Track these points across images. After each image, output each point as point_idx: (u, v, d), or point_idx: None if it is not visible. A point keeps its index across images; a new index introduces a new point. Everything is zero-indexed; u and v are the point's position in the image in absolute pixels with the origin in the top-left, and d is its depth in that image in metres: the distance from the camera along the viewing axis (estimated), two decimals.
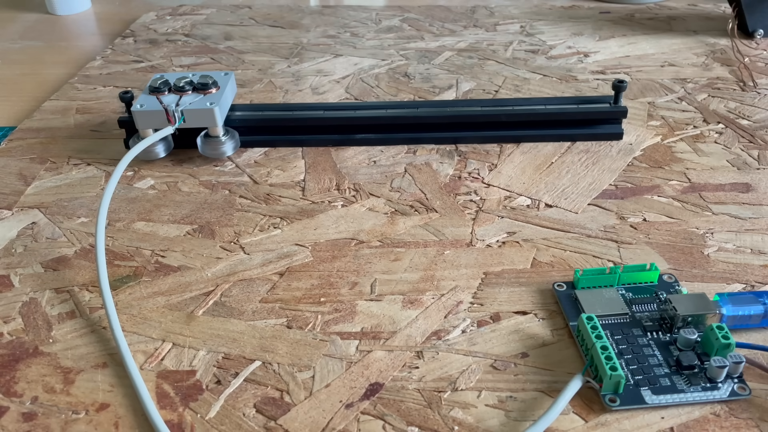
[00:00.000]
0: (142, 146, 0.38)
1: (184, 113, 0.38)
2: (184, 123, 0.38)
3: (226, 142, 0.40)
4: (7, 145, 0.43)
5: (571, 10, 0.66)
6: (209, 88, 0.40)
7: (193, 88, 0.40)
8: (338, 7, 0.69)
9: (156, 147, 0.40)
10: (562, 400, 0.24)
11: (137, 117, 0.38)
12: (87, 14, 0.70)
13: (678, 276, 0.31)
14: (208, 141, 0.40)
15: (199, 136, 0.40)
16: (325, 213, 0.36)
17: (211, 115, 0.38)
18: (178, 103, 0.38)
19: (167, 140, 0.40)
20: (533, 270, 0.31)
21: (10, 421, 0.24)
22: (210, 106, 0.38)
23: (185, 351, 0.27)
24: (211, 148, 0.40)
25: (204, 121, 0.39)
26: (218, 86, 0.40)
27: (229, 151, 0.40)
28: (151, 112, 0.38)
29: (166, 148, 0.40)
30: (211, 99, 0.39)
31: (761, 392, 0.25)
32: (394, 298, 0.30)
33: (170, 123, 0.38)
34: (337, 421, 0.24)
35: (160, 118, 0.38)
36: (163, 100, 0.39)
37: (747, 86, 0.48)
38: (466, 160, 0.40)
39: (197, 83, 0.40)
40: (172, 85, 0.40)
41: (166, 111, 0.38)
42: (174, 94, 0.39)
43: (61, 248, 0.33)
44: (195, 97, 0.39)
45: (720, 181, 0.37)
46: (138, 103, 0.38)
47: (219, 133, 0.40)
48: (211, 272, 0.32)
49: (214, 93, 0.40)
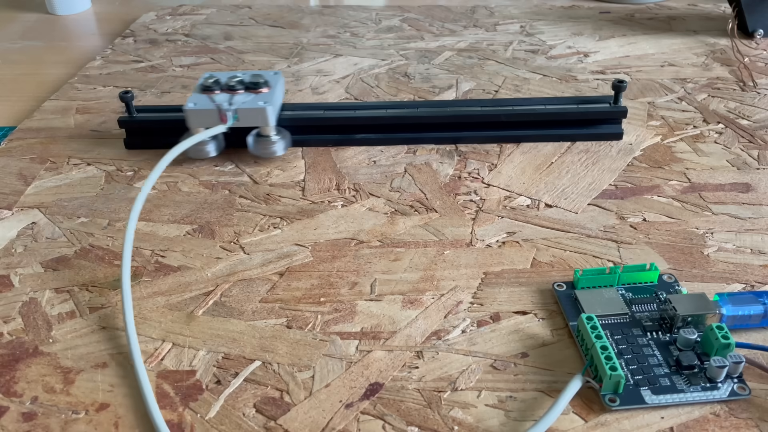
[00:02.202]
0: (190, 143, 0.37)
1: (238, 112, 0.38)
2: (237, 122, 0.38)
3: (277, 141, 0.39)
4: (7, 145, 0.43)
5: (571, 10, 0.66)
6: (260, 87, 0.39)
7: (244, 87, 0.39)
8: (338, 7, 0.69)
9: (207, 146, 0.39)
10: (563, 401, 0.24)
11: (190, 115, 0.38)
12: (87, 14, 0.70)
13: (678, 276, 0.31)
14: (259, 140, 0.39)
15: (250, 135, 0.40)
16: (325, 213, 0.36)
17: (264, 115, 0.38)
18: (231, 102, 0.38)
19: (218, 139, 0.40)
20: (533, 270, 0.31)
21: (10, 421, 0.24)
22: (263, 106, 0.38)
23: (185, 351, 0.27)
24: (262, 147, 0.39)
25: (256, 121, 0.38)
26: (269, 86, 0.40)
27: (279, 150, 0.40)
28: (203, 110, 0.38)
29: (217, 147, 0.40)
30: (263, 98, 0.39)
31: (761, 392, 0.25)
32: (393, 298, 0.30)
33: (223, 122, 0.38)
34: (337, 421, 0.24)
35: (212, 117, 0.38)
36: (215, 99, 0.39)
37: (747, 86, 0.49)
38: (466, 160, 0.40)
39: (248, 82, 0.39)
40: (223, 84, 0.40)
41: (220, 110, 0.38)
42: (225, 93, 0.39)
43: (61, 248, 0.33)
44: (247, 96, 0.39)
45: (720, 181, 0.37)
46: (190, 102, 0.38)
47: (271, 132, 0.39)
48: (211, 272, 0.32)
49: (266, 92, 0.39)
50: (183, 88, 0.50)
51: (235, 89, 0.39)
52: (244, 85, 0.40)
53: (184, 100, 0.48)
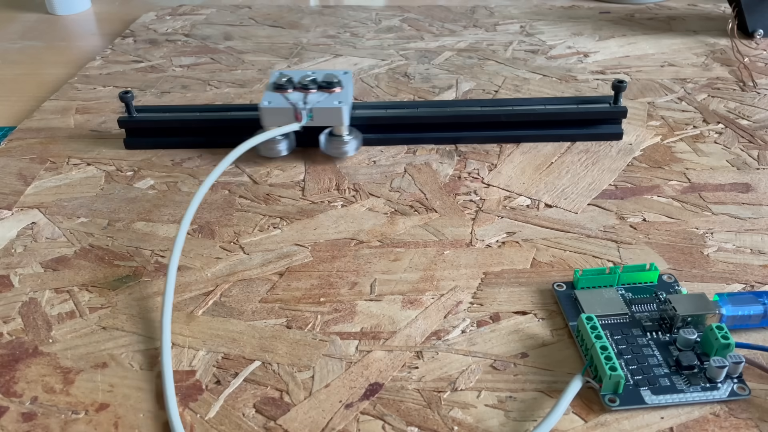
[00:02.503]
0: (261, 139, 0.37)
1: (313, 111, 0.38)
2: (311, 121, 0.38)
3: (349, 141, 0.39)
4: (7, 145, 0.43)
5: (571, 10, 0.66)
6: (334, 86, 0.39)
7: (317, 87, 0.39)
8: (338, 7, 0.69)
9: (279, 144, 0.39)
10: (564, 402, 0.24)
11: (264, 114, 0.38)
12: (87, 14, 0.70)
13: (678, 276, 0.31)
14: (331, 140, 0.39)
15: (322, 134, 0.40)
16: (325, 213, 0.36)
17: (339, 114, 0.38)
18: (305, 100, 0.38)
19: (290, 139, 0.40)
20: (533, 270, 0.31)
21: (10, 421, 0.24)
22: (338, 105, 0.38)
23: (185, 351, 0.27)
24: (334, 146, 0.39)
25: (331, 120, 0.38)
26: (342, 85, 0.40)
27: (351, 150, 0.40)
28: (278, 109, 0.38)
29: (289, 147, 0.40)
30: (338, 98, 0.39)
31: (761, 392, 0.25)
32: (393, 298, 0.30)
33: (297, 120, 0.38)
34: (337, 421, 0.24)
35: (287, 116, 0.38)
36: (289, 97, 0.38)
37: (747, 86, 0.48)
38: (465, 160, 0.40)
39: (321, 81, 0.39)
40: (296, 82, 0.40)
41: (295, 108, 0.38)
42: (298, 92, 0.39)
43: (60, 248, 0.33)
44: (321, 95, 0.39)
45: (720, 181, 0.37)
46: (265, 100, 0.38)
47: (344, 132, 0.39)
48: (210, 272, 0.32)
49: (340, 92, 0.39)
50: (183, 88, 0.50)
51: (309, 88, 0.39)
52: (317, 84, 0.39)
53: (184, 100, 0.48)
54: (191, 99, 0.48)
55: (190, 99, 0.48)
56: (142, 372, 0.26)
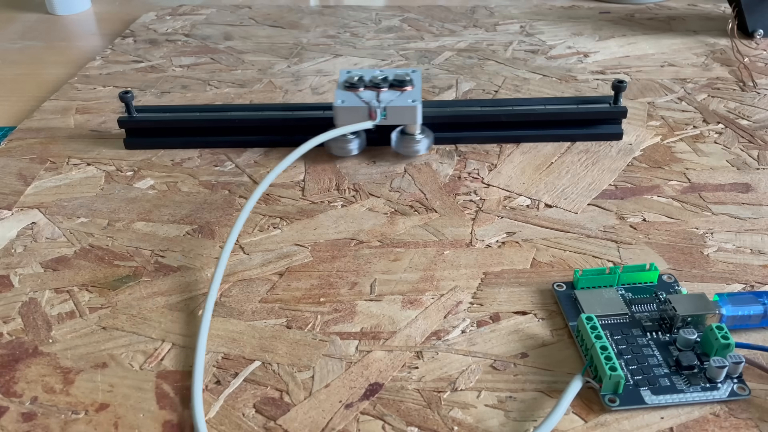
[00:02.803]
0: (332, 135, 0.37)
1: (387, 110, 0.38)
2: (385, 119, 0.38)
3: (421, 140, 0.39)
4: (7, 145, 0.43)
5: (571, 10, 0.66)
6: (405, 85, 0.39)
7: (389, 85, 0.39)
8: (338, 7, 0.69)
9: (350, 144, 0.39)
10: (564, 402, 0.24)
11: (338, 113, 0.38)
12: (87, 14, 0.70)
13: (678, 276, 0.31)
14: (403, 138, 0.39)
15: (394, 132, 0.40)
16: (325, 213, 0.36)
17: (413, 113, 0.38)
18: (378, 99, 0.38)
19: (362, 138, 0.40)
20: (533, 270, 0.31)
21: (10, 421, 0.24)
22: (412, 104, 0.38)
23: (185, 351, 0.27)
24: (405, 145, 0.39)
25: (404, 119, 0.38)
26: (413, 84, 0.40)
27: (423, 149, 0.40)
28: (352, 108, 0.38)
29: (360, 146, 0.40)
30: (412, 96, 0.38)
31: (761, 392, 0.25)
32: (393, 298, 0.30)
33: (371, 119, 0.38)
34: (337, 422, 0.24)
35: (360, 114, 0.38)
36: (361, 96, 0.38)
37: (747, 86, 0.48)
38: (465, 160, 0.40)
39: (392, 80, 0.39)
40: (368, 81, 0.39)
41: (369, 107, 0.38)
42: (370, 91, 0.39)
43: (60, 248, 0.33)
44: (393, 94, 0.39)
45: (720, 181, 0.37)
46: (338, 99, 0.38)
47: (416, 130, 0.39)
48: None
49: (412, 90, 0.39)
50: (183, 88, 0.50)
51: (380, 86, 0.39)
52: (388, 82, 0.39)
53: (183, 100, 0.48)
54: (191, 99, 0.48)
55: (190, 99, 0.48)
56: (142, 372, 0.26)
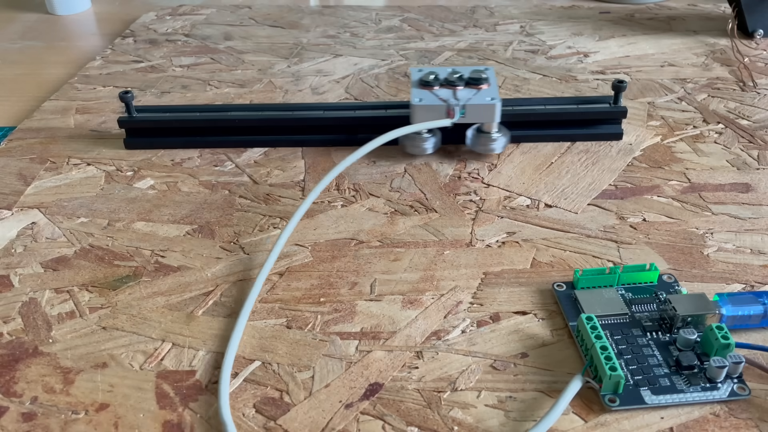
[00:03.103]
0: (406, 130, 0.37)
1: (465, 108, 0.37)
2: (463, 117, 0.38)
3: (498, 139, 0.39)
4: (7, 145, 0.43)
5: (571, 10, 0.66)
6: (481, 83, 0.39)
7: (465, 83, 0.39)
8: (338, 7, 0.69)
9: (425, 143, 0.39)
10: (563, 401, 0.24)
11: (417, 111, 0.38)
12: (87, 14, 0.70)
13: (678, 276, 0.31)
14: (480, 136, 0.39)
15: (469, 129, 0.40)
16: (325, 213, 0.36)
17: (492, 111, 0.38)
18: (456, 97, 0.38)
19: (438, 137, 0.40)
20: (533, 270, 0.31)
21: (10, 421, 0.24)
22: (492, 102, 0.38)
23: (185, 351, 0.27)
24: (482, 143, 0.39)
25: (482, 117, 0.38)
26: (489, 81, 0.39)
27: (498, 148, 0.39)
28: (430, 106, 0.38)
29: (435, 145, 0.40)
30: (490, 94, 0.38)
31: (761, 392, 0.25)
32: (393, 298, 0.30)
33: (449, 117, 0.38)
34: (337, 421, 0.24)
35: (438, 113, 0.38)
36: (438, 94, 0.38)
37: (747, 86, 0.48)
38: (465, 160, 0.40)
39: (468, 78, 0.39)
40: (443, 79, 0.39)
41: (448, 105, 0.37)
42: (446, 89, 0.39)
43: (60, 248, 0.33)
44: (470, 91, 0.39)
45: (720, 181, 0.37)
46: (416, 97, 0.38)
47: (493, 129, 0.39)
48: (210, 272, 0.32)
49: (488, 88, 0.39)
50: (183, 88, 0.50)
51: (456, 85, 0.39)
52: (464, 80, 0.39)
53: (184, 100, 0.48)
54: (191, 99, 0.48)
55: (190, 99, 0.48)
56: (142, 372, 0.26)
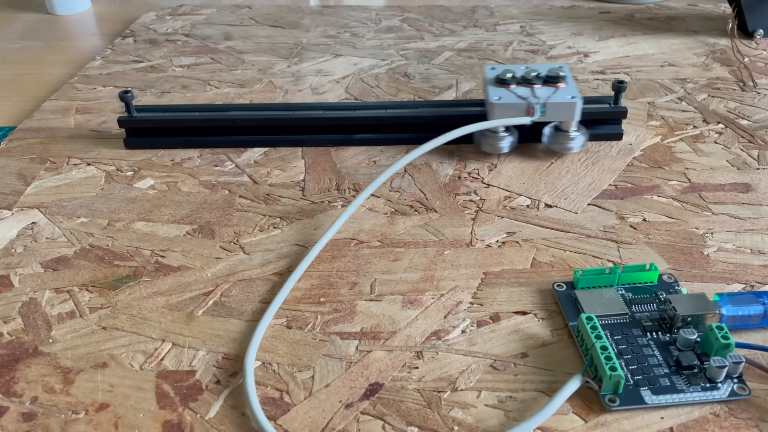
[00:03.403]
0: (482, 126, 0.37)
1: (546, 106, 0.37)
2: (543, 116, 0.38)
3: (576, 137, 0.39)
4: (7, 145, 0.43)
5: (571, 10, 0.66)
6: (559, 81, 0.39)
7: (542, 81, 0.39)
8: (338, 7, 0.69)
9: (502, 141, 0.39)
10: (559, 398, 0.24)
11: (496, 109, 0.38)
12: (87, 14, 0.70)
13: (678, 276, 0.31)
14: (558, 135, 0.39)
15: (547, 127, 0.39)
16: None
17: (572, 109, 0.38)
18: (535, 95, 0.38)
19: (514, 137, 0.39)
20: (533, 270, 0.31)
21: (10, 421, 0.24)
22: (573, 100, 0.38)
23: (185, 351, 0.27)
24: (559, 142, 0.39)
25: (562, 115, 0.38)
26: (566, 80, 0.39)
27: (577, 147, 0.39)
28: (510, 104, 0.37)
29: (511, 144, 0.39)
30: (569, 92, 0.38)
31: (761, 392, 0.25)
32: (393, 298, 0.30)
33: (529, 115, 0.38)
34: (337, 421, 0.24)
35: (517, 111, 0.38)
36: (516, 92, 0.38)
37: (747, 86, 0.48)
38: (465, 160, 0.40)
39: (546, 76, 0.39)
40: (520, 77, 0.39)
41: (528, 103, 0.37)
42: (523, 87, 0.39)
43: (61, 248, 0.33)
44: (548, 90, 0.38)
45: (720, 181, 0.37)
46: (495, 96, 0.38)
47: (572, 127, 0.39)
48: (210, 272, 0.32)
49: (566, 87, 0.39)
50: (183, 88, 0.50)
51: (533, 83, 0.39)
52: (541, 78, 0.39)
53: (184, 101, 0.48)
54: (191, 99, 0.48)
55: (190, 99, 0.48)
56: (142, 372, 0.26)
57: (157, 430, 0.24)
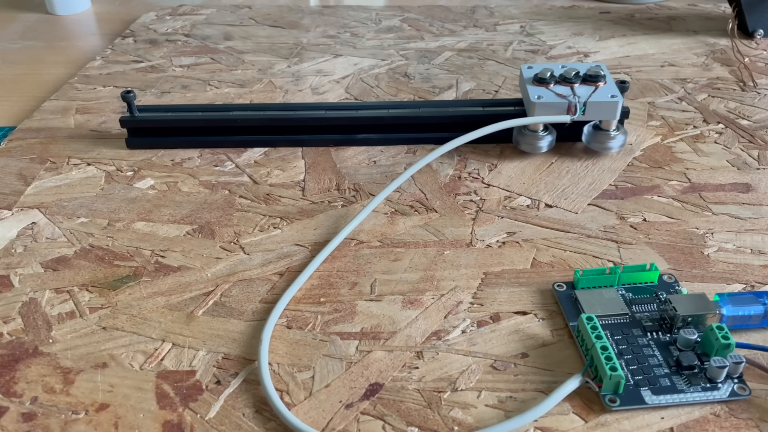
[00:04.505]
0: (522, 122, 0.37)
1: (587, 105, 0.37)
2: (583, 115, 0.38)
3: (615, 137, 0.39)
4: (7, 145, 0.43)
5: (571, 10, 0.66)
6: (599, 80, 0.39)
7: (581, 80, 0.39)
8: (338, 7, 0.69)
9: (541, 141, 0.39)
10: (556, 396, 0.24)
11: (536, 108, 0.38)
12: (87, 14, 0.70)
13: (678, 276, 0.30)
14: (598, 134, 0.39)
15: (587, 126, 0.39)
16: (325, 213, 0.36)
17: (613, 108, 0.38)
18: (576, 94, 0.37)
19: (553, 136, 0.39)
20: (533, 270, 0.31)
21: (10, 421, 0.24)
22: (615, 99, 0.37)
23: (185, 351, 0.27)
24: (599, 141, 0.39)
25: (603, 114, 0.38)
26: (606, 79, 0.39)
27: (616, 147, 0.39)
28: (550, 103, 0.37)
29: (550, 144, 0.39)
30: (609, 91, 0.38)
31: (761, 392, 0.25)
32: (393, 299, 0.30)
33: (570, 114, 0.37)
34: (337, 422, 0.24)
35: (558, 110, 0.38)
36: (555, 90, 0.38)
37: (747, 86, 0.48)
38: (466, 160, 0.40)
39: (585, 74, 0.39)
40: (558, 76, 0.39)
41: (569, 102, 0.37)
42: (562, 86, 0.39)
43: (61, 248, 0.33)
44: (588, 88, 0.38)
45: (720, 181, 0.37)
46: (534, 94, 0.38)
47: (612, 126, 0.39)
48: (210, 272, 0.32)
49: (606, 85, 0.39)
50: (183, 88, 0.50)
51: (572, 82, 0.39)
52: (580, 77, 0.39)
53: (184, 101, 0.48)
54: (191, 99, 0.48)
55: (190, 99, 0.48)
56: (142, 372, 0.26)
57: (157, 430, 0.24)
